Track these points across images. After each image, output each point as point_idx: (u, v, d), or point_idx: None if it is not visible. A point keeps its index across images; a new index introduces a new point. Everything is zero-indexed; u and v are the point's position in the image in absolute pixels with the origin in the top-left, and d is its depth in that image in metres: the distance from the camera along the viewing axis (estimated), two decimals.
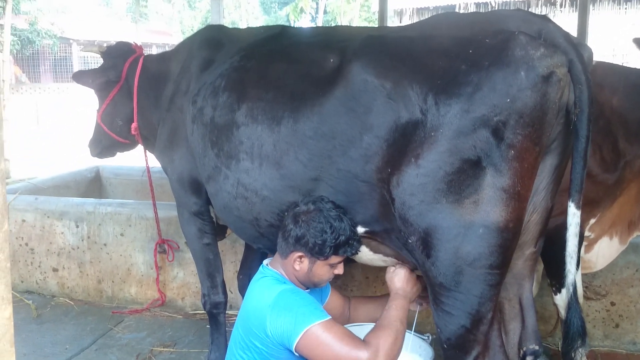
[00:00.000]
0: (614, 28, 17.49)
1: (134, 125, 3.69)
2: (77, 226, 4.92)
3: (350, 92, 2.44)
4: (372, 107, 2.38)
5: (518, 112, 2.14)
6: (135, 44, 3.93)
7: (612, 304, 4.03)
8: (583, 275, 3.66)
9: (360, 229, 2.60)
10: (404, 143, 2.30)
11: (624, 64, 3.70)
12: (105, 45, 3.98)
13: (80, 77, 3.87)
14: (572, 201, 2.28)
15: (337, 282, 4.32)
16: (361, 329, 2.89)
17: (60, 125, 16.22)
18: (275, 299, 2.48)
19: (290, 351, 2.44)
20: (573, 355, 3.38)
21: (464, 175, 2.20)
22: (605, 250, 3.46)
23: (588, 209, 3.11)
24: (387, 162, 2.36)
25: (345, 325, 3.00)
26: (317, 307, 2.50)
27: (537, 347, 2.64)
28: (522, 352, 2.66)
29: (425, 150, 2.25)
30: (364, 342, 2.38)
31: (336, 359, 2.36)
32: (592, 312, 4.06)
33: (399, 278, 2.69)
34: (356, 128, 2.43)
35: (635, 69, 3.31)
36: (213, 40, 3.27)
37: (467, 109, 2.18)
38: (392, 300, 2.62)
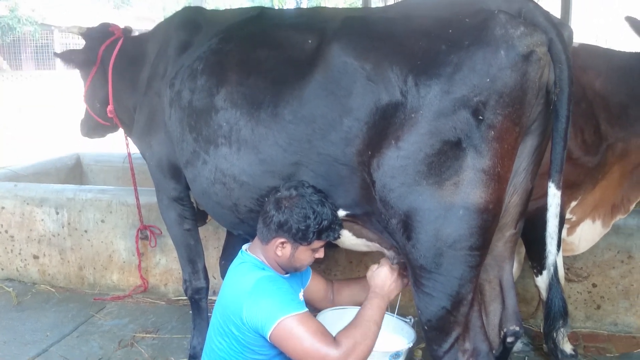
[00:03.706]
0: (598, 12, 17.54)
1: (109, 108, 3.65)
2: (57, 213, 4.86)
3: (329, 74, 2.41)
4: (352, 90, 2.35)
5: (498, 92, 2.12)
6: (115, 26, 3.85)
7: (594, 285, 4.06)
8: (565, 257, 3.68)
9: (341, 213, 2.58)
10: (384, 125, 2.28)
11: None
12: (85, 27, 3.91)
13: (62, 56, 3.83)
14: (552, 182, 2.27)
15: (321, 267, 4.32)
16: (343, 313, 2.89)
17: (42, 113, 16.02)
18: (253, 287, 2.46)
19: (266, 339, 2.42)
20: (555, 335, 3.41)
21: (444, 157, 2.19)
22: (588, 233, 3.48)
23: (569, 191, 3.12)
24: (368, 144, 2.34)
25: (329, 309, 3.02)
26: (294, 299, 2.48)
27: (517, 328, 2.65)
28: (502, 333, 2.68)
29: (405, 132, 2.23)
30: (335, 341, 2.35)
31: (306, 353, 2.34)
32: (574, 293, 4.09)
33: (379, 276, 2.67)
34: (336, 111, 2.40)
35: (618, 51, 3.31)
36: (191, 22, 3.21)
37: (447, 90, 2.16)
38: (369, 299, 2.60)
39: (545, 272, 3.18)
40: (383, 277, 2.66)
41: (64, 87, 18.50)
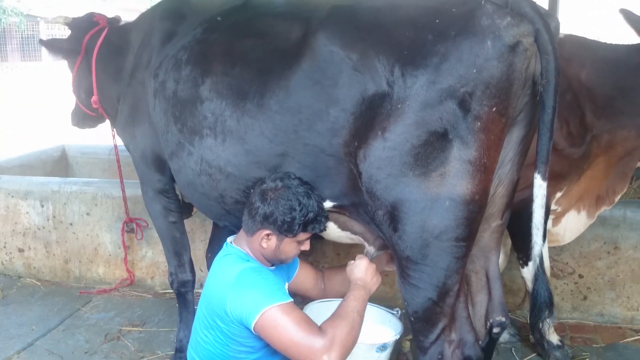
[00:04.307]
0: (592, 5, 17.53)
1: (93, 98, 3.61)
2: (42, 206, 4.81)
3: (316, 64, 2.39)
4: (339, 80, 2.33)
5: (484, 83, 2.11)
6: (101, 15, 3.80)
7: (580, 276, 4.09)
8: (551, 250, 3.70)
9: (328, 204, 2.57)
10: (370, 116, 2.27)
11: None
12: (71, 17, 3.86)
13: (47, 43, 3.77)
14: (538, 173, 2.27)
15: (309, 259, 4.31)
16: (330, 305, 2.88)
17: (28, 105, 15.88)
18: (237, 278, 2.44)
19: (251, 330, 2.40)
20: (541, 326, 3.43)
21: (431, 148, 2.18)
22: (573, 224, 3.49)
23: (554, 182, 3.12)
24: (354, 135, 2.32)
25: (316, 302, 3.01)
26: (279, 289, 2.46)
27: (503, 319, 2.66)
28: (488, 323, 2.68)
29: (392, 123, 2.22)
30: (320, 330, 2.33)
31: (291, 343, 2.31)
32: (561, 284, 4.11)
33: (359, 269, 2.65)
34: (322, 101, 2.38)
35: (604, 43, 3.31)
36: (175, 11, 3.16)
37: (434, 80, 2.15)
38: (351, 290, 2.57)
39: (531, 263, 3.19)
40: (363, 269, 2.64)
41: (50, 78, 18.34)
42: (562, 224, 3.46)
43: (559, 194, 3.28)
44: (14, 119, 12.84)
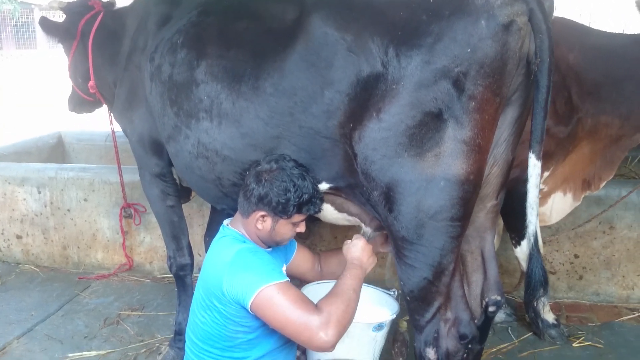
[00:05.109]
0: None
1: (90, 83, 3.60)
2: (40, 192, 4.82)
3: (310, 45, 2.39)
4: (333, 61, 2.33)
5: (479, 63, 2.11)
6: None
7: (576, 256, 4.11)
8: (546, 229, 3.72)
9: (325, 185, 2.58)
10: (365, 97, 2.27)
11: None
12: (65, 1, 3.84)
13: (45, 24, 3.73)
14: (533, 152, 2.28)
15: (306, 242, 4.32)
16: (327, 287, 2.90)
17: (23, 92, 15.82)
18: (233, 258, 2.45)
19: (247, 310, 2.42)
20: (535, 304, 3.46)
21: (426, 128, 2.18)
22: (559, 205, 3.52)
23: (542, 161, 3.15)
24: (349, 117, 2.33)
25: (313, 283, 3.03)
26: (275, 268, 2.47)
27: (499, 298, 2.67)
28: (484, 302, 2.69)
29: (386, 104, 2.22)
30: (316, 308, 2.34)
31: (287, 321, 2.32)
32: (557, 264, 4.14)
33: (355, 249, 2.68)
34: (317, 83, 2.38)
35: (594, 29, 3.32)
36: None
37: (428, 60, 2.15)
38: (347, 269, 2.59)
39: (524, 242, 3.20)
40: (359, 249, 2.66)
41: (45, 67, 18.25)
42: (548, 204, 3.48)
43: (546, 174, 3.30)
44: (14, 120, 12.76)
